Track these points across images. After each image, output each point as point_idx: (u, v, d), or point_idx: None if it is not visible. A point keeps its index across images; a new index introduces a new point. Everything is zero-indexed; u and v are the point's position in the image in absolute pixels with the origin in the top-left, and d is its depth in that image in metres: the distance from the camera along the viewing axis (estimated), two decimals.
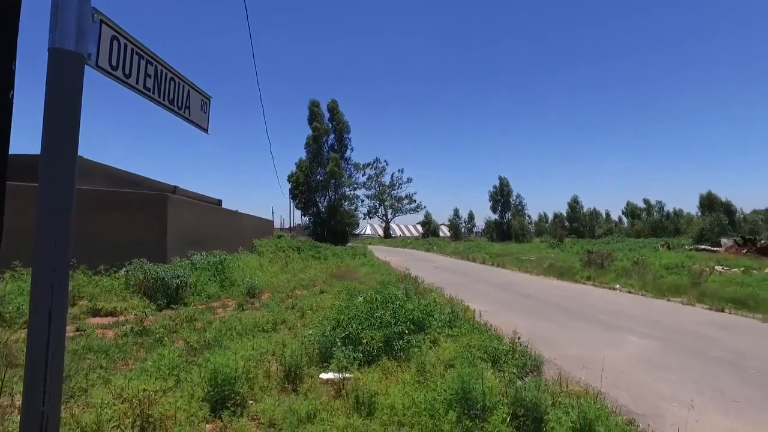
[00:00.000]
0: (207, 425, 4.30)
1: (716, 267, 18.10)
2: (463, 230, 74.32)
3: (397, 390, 5.02)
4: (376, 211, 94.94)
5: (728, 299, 12.54)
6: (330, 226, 48.63)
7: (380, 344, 6.37)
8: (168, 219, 15.03)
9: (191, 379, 5.02)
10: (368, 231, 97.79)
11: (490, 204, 66.35)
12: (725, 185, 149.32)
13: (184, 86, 2.20)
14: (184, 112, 2.21)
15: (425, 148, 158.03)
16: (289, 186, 50.09)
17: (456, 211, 74.67)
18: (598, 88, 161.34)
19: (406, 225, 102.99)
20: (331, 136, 50.31)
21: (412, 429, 4.32)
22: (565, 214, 75.26)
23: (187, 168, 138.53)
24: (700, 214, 55.13)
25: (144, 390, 4.28)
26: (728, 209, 55.22)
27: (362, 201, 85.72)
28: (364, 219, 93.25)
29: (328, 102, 50.99)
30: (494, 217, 66.05)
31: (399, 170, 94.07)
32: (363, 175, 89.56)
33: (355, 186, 56.25)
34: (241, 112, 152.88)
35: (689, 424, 5.22)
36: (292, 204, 52.74)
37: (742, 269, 17.25)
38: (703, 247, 27.74)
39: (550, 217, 78.35)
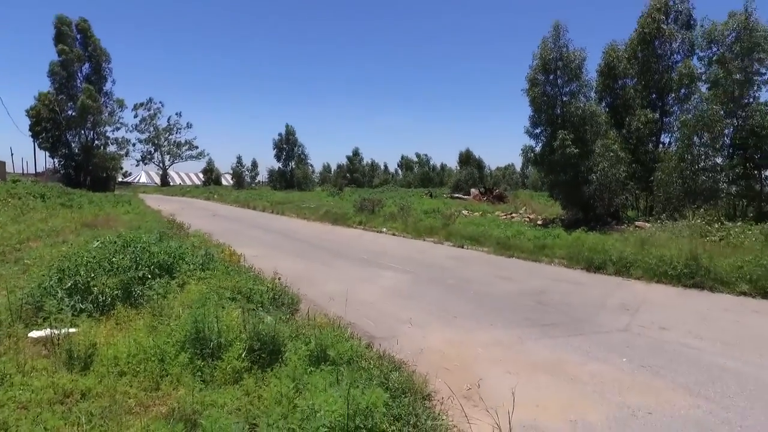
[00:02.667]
0: None
1: (463, 211, 21.13)
2: (246, 179, 72.07)
3: (126, 339, 4.50)
4: (152, 157, 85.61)
5: (467, 237, 14.74)
6: (88, 171, 41.76)
7: (116, 291, 5.64)
8: None
9: None
10: (143, 179, 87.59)
11: (274, 152, 65.37)
12: (479, 145, 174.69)
13: None
14: None
15: (208, 93, 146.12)
16: (29, 122, 41.06)
17: (239, 158, 71.41)
18: (382, 44, 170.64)
19: (187, 173, 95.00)
20: (86, 65, 42.29)
21: (135, 377, 3.90)
22: (346, 166, 78.95)
23: None
24: (458, 168, 63.72)
25: None
26: (479, 165, 65.21)
27: (134, 145, 76.59)
28: (137, 165, 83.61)
29: (77, 21, 41.87)
30: (278, 165, 65.46)
31: (177, 113, 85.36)
32: (135, 117, 79.70)
33: (120, 126, 48.98)
34: None
35: (416, 339, 5.97)
36: (35, 144, 43.59)
37: (480, 213, 20.53)
38: (457, 195, 32.25)
39: (334, 167, 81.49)
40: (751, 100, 15.43)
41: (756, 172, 14.66)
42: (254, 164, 72.67)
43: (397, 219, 19.59)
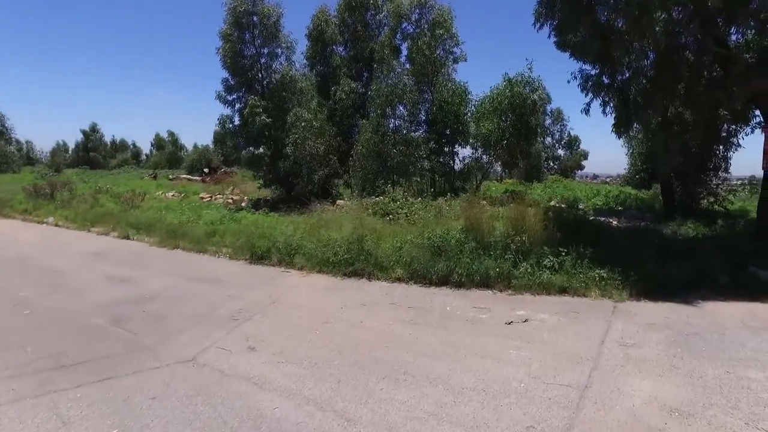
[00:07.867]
0: None
1: (168, 193, 17.88)
2: None
3: None
4: None
5: (141, 224, 11.70)
6: None
7: None
8: None
9: None
10: None
11: None
12: None
13: None
14: None
15: None
16: None
17: None
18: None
19: None
20: None
21: None
22: (82, 143, 66.10)
23: None
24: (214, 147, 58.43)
25: None
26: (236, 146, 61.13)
27: None
28: None
29: None
30: None
31: None
32: None
33: None
34: None
35: None
36: None
37: (182, 195, 17.40)
38: (185, 176, 28.28)
39: (72, 146, 67.51)
40: (453, 77, 15.50)
41: (447, 148, 14.87)
42: None
43: (70, 205, 15.35)
